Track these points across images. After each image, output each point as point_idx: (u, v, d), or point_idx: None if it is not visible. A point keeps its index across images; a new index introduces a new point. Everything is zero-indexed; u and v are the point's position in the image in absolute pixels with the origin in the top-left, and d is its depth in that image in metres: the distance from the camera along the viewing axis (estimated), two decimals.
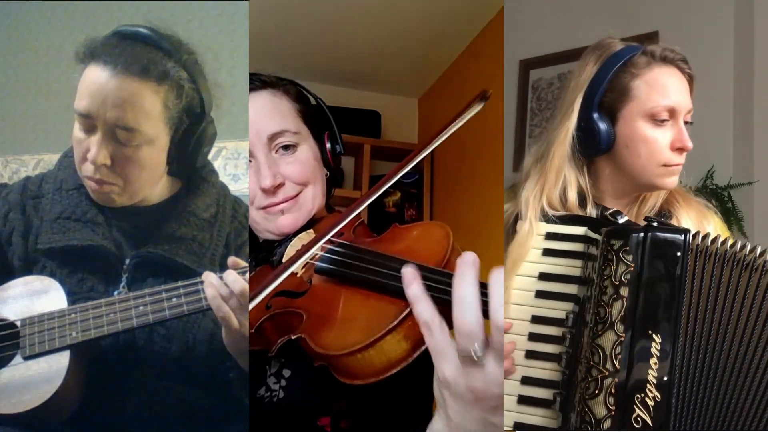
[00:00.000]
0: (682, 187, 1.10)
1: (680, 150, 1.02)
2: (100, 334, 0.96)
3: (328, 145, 1.08)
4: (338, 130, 1.10)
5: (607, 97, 1.04)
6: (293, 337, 0.80)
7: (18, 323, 0.98)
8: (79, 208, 1.07)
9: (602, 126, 1.03)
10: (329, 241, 0.87)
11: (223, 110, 1.12)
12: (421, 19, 2.57)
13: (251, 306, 0.79)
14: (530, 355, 0.91)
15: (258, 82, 1.04)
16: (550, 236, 0.96)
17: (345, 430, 0.93)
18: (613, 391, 0.80)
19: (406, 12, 2.53)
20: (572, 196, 1.04)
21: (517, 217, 1.04)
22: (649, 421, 0.79)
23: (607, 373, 0.81)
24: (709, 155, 2.14)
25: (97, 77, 0.99)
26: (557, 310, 0.92)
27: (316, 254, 0.87)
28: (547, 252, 0.95)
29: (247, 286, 0.90)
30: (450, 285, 0.65)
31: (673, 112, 1.02)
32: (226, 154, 1.91)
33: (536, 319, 0.92)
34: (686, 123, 1.04)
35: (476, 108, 0.88)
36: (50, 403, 0.93)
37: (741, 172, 2.14)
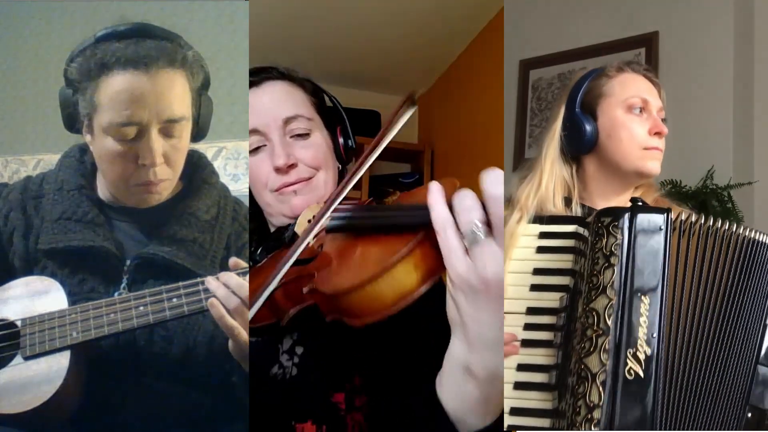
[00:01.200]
0: (663, 196, 1.21)
1: (657, 134, 1.14)
2: (100, 334, 0.96)
3: (341, 140, 1.10)
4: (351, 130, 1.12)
5: (587, 98, 1.18)
6: (304, 291, 0.80)
7: (18, 323, 0.98)
8: (80, 209, 1.07)
9: (584, 120, 1.16)
10: (340, 207, 0.87)
11: (223, 110, 1.12)
12: (421, 19, 2.57)
13: (272, 288, 0.79)
14: (526, 343, 0.97)
15: (276, 72, 1.08)
16: (543, 235, 1.03)
17: (359, 407, 0.93)
18: (607, 347, 0.88)
19: (406, 12, 2.53)
20: (558, 200, 1.14)
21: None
22: (641, 373, 0.87)
23: (600, 332, 0.89)
24: (709, 155, 2.14)
25: (124, 83, 0.98)
26: (550, 300, 0.98)
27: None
28: (541, 249, 1.02)
29: (248, 289, 0.90)
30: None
31: (646, 105, 1.15)
32: (226, 154, 1.91)
33: (531, 310, 0.98)
34: (663, 120, 1.17)
35: (406, 113, 0.86)
36: (50, 403, 0.93)
37: (741, 172, 2.14)
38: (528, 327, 0.98)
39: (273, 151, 1.01)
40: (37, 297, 1.00)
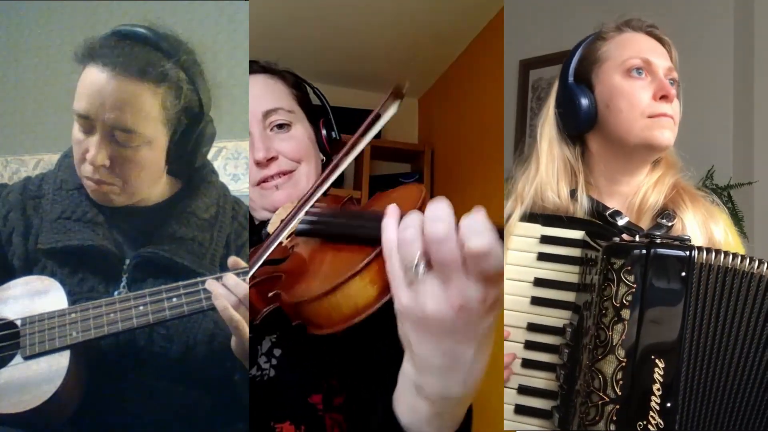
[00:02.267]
0: (687, 180, 1.05)
1: (664, 98, 0.97)
2: (100, 334, 0.96)
3: (324, 131, 1.10)
4: (335, 121, 1.11)
5: (581, 66, 1.03)
6: (270, 295, 0.80)
7: (18, 323, 0.98)
8: (80, 209, 1.07)
9: (579, 92, 1.01)
10: (313, 208, 0.87)
11: (223, 110, 1.12)
12: (421, 19, 2.57)
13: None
14: (527, 364, 0.88)
15: (256, 66, 1.08)
16: (545, 239, 0.92)
17: (338, 406, 0.94)
18: (615, 418, 0.77)
19: (406, 12, 2.53)
20: (562, 187, 1.00)
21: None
22: None
23: (608, 400, 0.78)
24: (709, 155, 2.14)
25: (95, 78, 0.99)
26: (554, 318, 0.89)
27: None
28: (543, 256, 0.91)
29: (247, 288, 0.90)
30: None
31: (649, 65, 0.99)
32: (226, 154, 1.91)
33: (532, 327, 0.90)
34: (672, 82, 1.00)
35: (391, 108, 0.83)
36: (50, 403, 0.93)
37: (741, 172, 2.14)
38: (529, 345, 0.89)
39: (253, 145, 1.01)
40: (36, 297, 1.00)
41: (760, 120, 2.22)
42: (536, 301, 0.90)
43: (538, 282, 0.90)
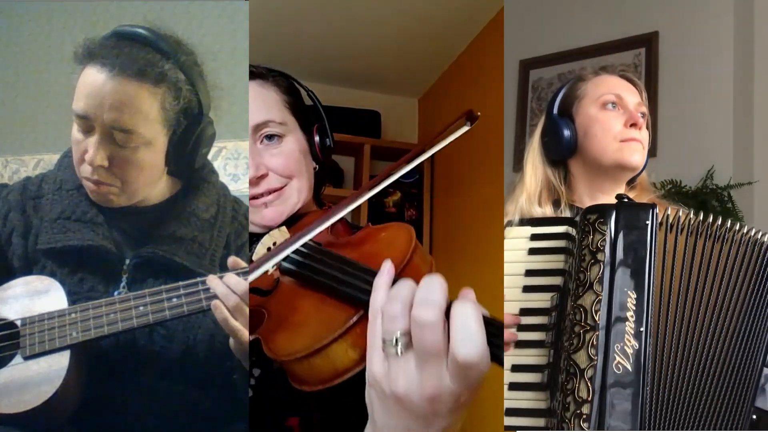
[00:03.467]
0: (657, 197, 1.22)
1: (634, 126, 1.15)
2: (100, 334, 0.96)
3: (317, 138, 1.05)
4: (329, 126, 1.08)
5: (564, 103, 1.21)
6: (251, 338, 0.80)
7: (18, 323, 0.98)
8: (79, 209, 1.07)
9: (562, 123, 1.19)
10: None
11: (223, 110, 1.12)
12: (421, 19, 2.57)
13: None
14: (519, 344, 0.98)
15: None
16: (534, 237, 1.04)
17: (317, 425, 0.92)
18: (594, 342, 0.88)
19: (406, 12, 2.53)
20: (545, 204, 1.17)
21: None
22: (629, 367, 0.86)
23: (588, 328, 0.89)
24: (709, 155, 2.15)
25: (94, 79, 0.99)
26: (542, 301, 0.99)
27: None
28: (532, 251, 1.03)
29: (247, 287, 0.90)
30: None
31: (621, 100, 1.17)
32: (226, 154, 1.91)
33: (524, 312, 0.99)
34: (641, 115, 1.18)
35: (460, 129, 0.83)
36: (50, 403, 0.93)
37: (741, 172, 2.15)
38: (521, 328, 0.98)
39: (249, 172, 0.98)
40: (36, 297, 1.00)
41: (760, 120, 2.22)
42: (527, 288, 1.01)
43: (529, 272, 1.01)
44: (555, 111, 1.22)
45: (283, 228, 0.96)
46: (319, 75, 2.99)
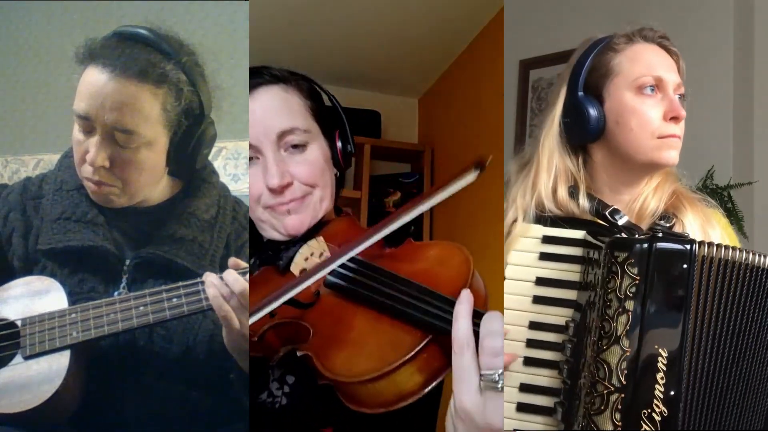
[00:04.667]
0: (685, 186, 1.07)
1: (674, 119, 0.99)
2: (100, 334, 0.96)
3: (339, 145, 1.03)
4: (350, 130, 1.06)
5: (592, 77, 1.03)
6: (299, 354, 0.77)
7: (18, 323, 0.98)
8: (80, 209, 1.07)
9: (589, 105, 1.01)
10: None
11: (223, 111, 1.12)
12: (421, 19, 2.56)
13: (257, 317, 0.77)
14: (528, 362, 0.89)
15: (268, 76, 1.00)
16: (546, 240, 0.93)
17: None
18: (620, 407, 0.78)
19: (406, 12, 2.53)
20: (562, 192, 1.02)
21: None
22: None
23: (613, 389, 0.79)
24: (709, 155, 2.14)
25: (95, 79, 0.99)
26: (556, 316, 0.90)
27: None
28: (544, 256, 0.92)
29: (247, 286, 0.90)
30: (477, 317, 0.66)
31: (660, 83, 1.00)
32: (226, 154, 1.91)
33: (534, 326, 0.90)
34: (680, 97, 1.02)
35: (469, 177, 0.79)
36: (50, 402, 0.93)
37: (741, 172, 2.14)
38: (531, 344, 0.89)
39: (266, 169, 0.94)
40: (37, 297, 1.01)
41: (760, 120, 2.22)
42: (538, 299, 0.90)
43: (540, 281, 0.91)
44: (580, 89, 1.02)
45: (320, 238, 0.94)
46: (319, 75, 2.96)
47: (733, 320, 0.83)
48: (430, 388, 0.68)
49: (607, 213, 0.95)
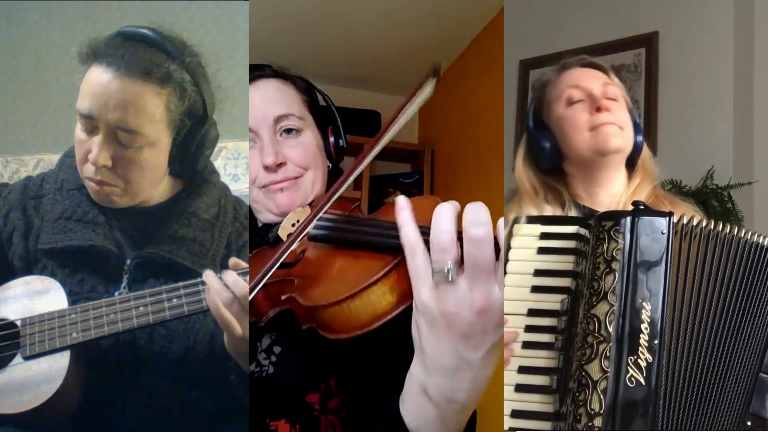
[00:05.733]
0: (668, 191, 1.19)
1: (599, 110, 1.11)
2: (100, 334, 0.96)
3: (332, 139, 1.11)
4: (343, 129, 1.14)
5: (536, 114, 1.20)
6: (283, 297, 0.81)
7: (18, 323, 0.98)
8: (80, 209, 1.07)
9: (539, 134, 1.17)
10: (324, 215, 0.88)
11: (224, 111, 1.12)
12: (421, 19, 2.57)
13: (255, 292, 0.80)
14: (527, 345, 0.95)
15: (269, 70, 1.08)
16: (543, 236, 1.01)
17: (333, 408, 0.94)
18: (608, 354, 0.86)
19: (406, 12, 2.53)
20: (555, 206, 1.15)
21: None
22: (642, 381, 0.85)
23: (601, 338, 0.87)
24: (709, 155, 2.14)
25: (99, 78, 0.99)
26: (552, 302, 0.96)
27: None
28: (541, 250, 1.00)
29: (247, 288, 0.90)
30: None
31: (581, 90, 1.14)
32: (226, 154, 1.91)
33: (532, 312, 0.97)
34: (609, 98, 1.14)
35: (429, 85, 0.82)
36: (50, 403, 0.93)
37: (741, 172, 2.14)
38: (529, 329, 0.96)
39: (263, 149, 1.02)
40: (37, 297, 1.01)
41: (760, 120, 2.22)
42: (536, 289, 0.98)
43: (538, 272, 0.98)
44: (531, 125, 1.20)
45: (306, 206, 1.00)
46: (319, 75, 2.97)
47: (713, 283, 0.92)
48: (402, 307, 0.71)
49: (596, 216, 1.02)
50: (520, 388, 0.93)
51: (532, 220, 1.04)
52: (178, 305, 0.96)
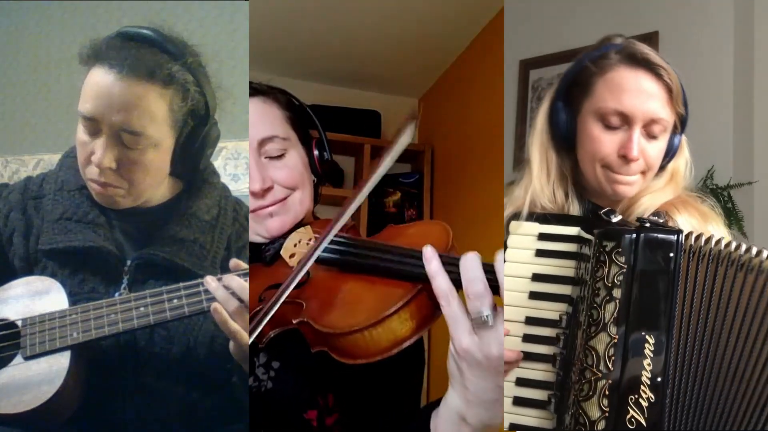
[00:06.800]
0: (687, 192, 1.07)
1: (625, 159, 0.98)
2: (100, 334, 0.96)
3: (316, 153, 1.08)
4: (329, 127, 1.12)
5: (574, 90, 1.04)
6: (294, 322, 0.81)
7: (19, 323, 0.98)
8: (81, 209, 1.07)
9: (561, 115, 1.04)
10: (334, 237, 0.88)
11: (224, 110, 1.12)
12: (421, 19, 2.57)
13: (265, 321, 0.80)
14: (525, 356, 0.90)
15: (250, 89, 1.06)
16: (542, 237, 0.95)
17: (329, 427, 0.95)
18: (607, 392, 0.80)
19: (406, 12, 2.53)
20: (556, 190, 1.06)
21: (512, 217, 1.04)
22: (643, 422, 0.79)
23: (600, 375, 0.81)
24: (709, 155, 2.14)
25: (102, 80, 0.98)
26: (551, 311, 0.91)
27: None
28: (540, 253, 0.94)
29: (248, 291, 0.90)
30: (457, 269, 0.72)
31: (625, 118, 0.98)
32: (226, 154, 1.91)
33: (530, 321, 0.92)
34: (652, 137, 0.99)
35: (409, 129, 0.85)
36: (50, 403, 0.93)
37: (741, 172, 2.15)
38: (527, 339, 0.90)
39: (249, 175, 1.00)
40: (37, 297, 1.00)
41: (760, 120, 2.22)
42: (534, 295, 0.92)
43: (536, 277, 0.93)
44: (560, 99, 1.05)
45: (308, 226, 1.00)
46: (319, 75, 2.99)
47: (722, 311, 0.83)
48: (421, 333, 0.75)
49: (602, 213, 0.95)
50: (518, 401, 0.89)
51: (530, 217, 0.99)
52: (179, 306, 0.96)
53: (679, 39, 2.33)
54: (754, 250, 0.84)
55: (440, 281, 0.72)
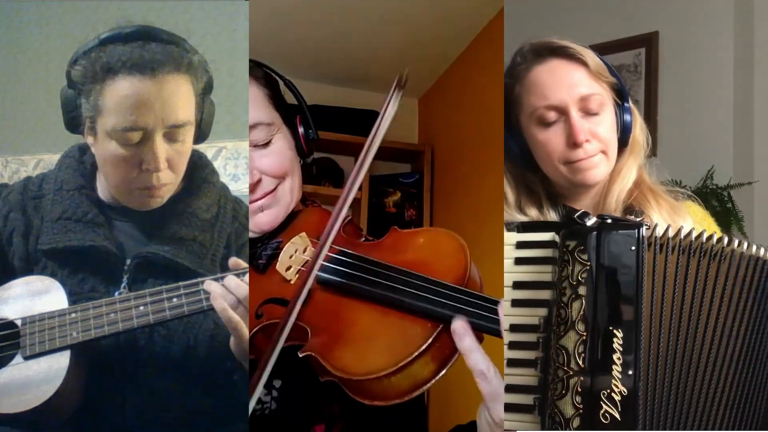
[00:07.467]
0: (655, 183, 1.09)
1: (576, 144, 1.00)
2: (100, 334, 0.96)
3: (301, 130, 1.04)
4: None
5: (510, 111, 1.07)
6: (301, 355, 0.77)
7: (18, 323, 0.98)
8: (80, 209, 1.07)
9: (511, 141, 1.06)
10: (329, 249, 0.84)
11: (223, 110, 1.12)
12: (421, 19, 2.57)
13: (274, 357, 0.77)
14: (510, 363, 0.90)
15: None
16: (520, 245, 0.95)
17: None
18: (579, 389, 0.80)
19: (406, 12, 2.53)
20: (532, 211, 1.07)
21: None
22: (617, 416, 0.79)
23: (572, 372, 0.81)
24: (709, 155, 2.15)
25: (131, 88, 0.97)
26: (532, 316, 0.91)
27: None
28: (519, 261, 0.94)
29: (247, 290, 0.90)
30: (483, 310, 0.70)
31: (558, 109, 1.00)
32: (225, 154, 1.91)
33: (514, 328, 0.91)
34: (592, 114, 1.01)
35: (397, 98, 0.81)
36: (50, 403, 0.93)
37: (741, 172, 2.15)
38: (512, 346, 0.90)
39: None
40: (37, 297, 1.00)
41: (760, 120, 2.23)
42: (516, 303, 0.92)
43: (517, 285, 0.93)
44: (506, 127, 1.08)
45: (303, 234, 0.94)
46: (319, 75, 2.99)
47: (696, 302, 0.84)
48: (440, 375, 0.71)
49: (576, 216, 0.95)
50: (507, 408, 0.87)
51: (507, 227, 0.98)
52: (178, 305, 0.96)
53: (679, 39, 2.33)
54: (725, 240, 0.85)
55: (476, 358, 0.69)
